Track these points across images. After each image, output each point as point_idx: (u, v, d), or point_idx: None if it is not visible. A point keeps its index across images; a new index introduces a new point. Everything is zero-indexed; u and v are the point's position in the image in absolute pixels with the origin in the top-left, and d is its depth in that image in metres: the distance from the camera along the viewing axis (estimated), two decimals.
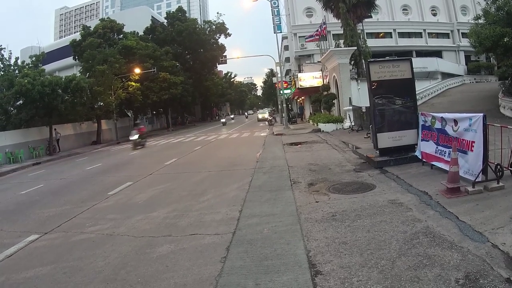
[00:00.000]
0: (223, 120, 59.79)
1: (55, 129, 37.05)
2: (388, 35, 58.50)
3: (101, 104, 43.34)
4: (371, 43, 42.16)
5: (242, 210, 8.62)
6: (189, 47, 68.62)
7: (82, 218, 9.87)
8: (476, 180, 7.92)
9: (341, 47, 33.39)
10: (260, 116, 63.52)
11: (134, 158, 23.67)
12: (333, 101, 33.18)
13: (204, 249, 6.52)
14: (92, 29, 50.61)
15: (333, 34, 47.55)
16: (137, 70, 46.59)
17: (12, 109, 35.97)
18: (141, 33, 60.23)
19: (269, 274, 5.23)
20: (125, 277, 5.79)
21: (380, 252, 5.51)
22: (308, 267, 5.29)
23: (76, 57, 50.17)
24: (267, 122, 49.02)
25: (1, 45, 36.49)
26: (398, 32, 58.63)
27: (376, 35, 56.04)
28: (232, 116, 60.93)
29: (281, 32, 41.40)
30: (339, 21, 35.23)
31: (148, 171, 16.27)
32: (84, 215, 10.16)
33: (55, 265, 6.74)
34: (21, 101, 34.47)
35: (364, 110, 22.97)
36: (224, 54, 69.24)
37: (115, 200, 11.59)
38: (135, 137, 30.33)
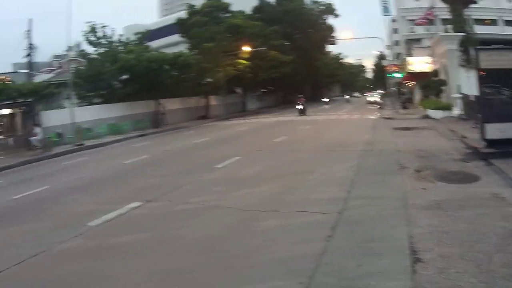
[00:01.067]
0: (299, 106, 58.05)
1: (160, 103, 39.13)
2: (493, 22, 55.11)
3: (209, 80, 45.29)
4: (476, 30, 39.74)
5: (349, 191, 8.73)
6: (297, 27, 68.48)
7: (187, 189, 10.47)
8: None
9: (449, 32, 32.56)
10: (370, 99, 63.07)
11: (242, 134, 24.62)
12: (442, 87, 32.68)
13: (310, 226, 6.69)
14: (197, 7, 51.93)
15: (441, 19, 45.57)
16: (246, 48, 47.43)
17: (116, 83, 38.51)
18: (248, 12, 60.77)
19: (371, 256, 5.33)
20: (227, 248, 6.06)
21: (479, 245, 5.45)
22: (409, 254, 5.33)
23: (183, 35, 52.11)
24: (377, 105, 49.05)
25: (103, 23, 39.12)
26: (504, 20, 55.41)
27: (481, 22, 52.06)
28: (327, 99, 60.13)
29: (389, 15, 40.85)
30: (446, 5, 34.05)
31: (257, 147, 16.94)
32: (189, 186, 10.76)
33: (154, 233, 7.19)
34: (126, 76, 36.89)
35: (472, 98, 22.23)
36: (332, 35, 71.32)
37: (222, 173, 12.17)
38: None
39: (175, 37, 57.89)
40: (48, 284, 5.73)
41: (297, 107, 39.38)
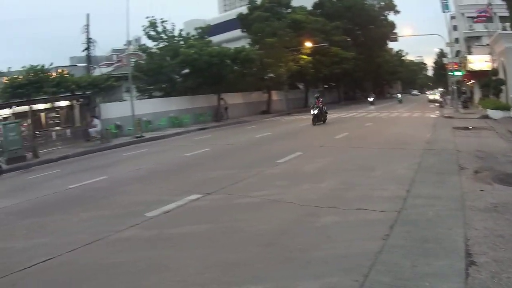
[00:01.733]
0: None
1: (222, 98, 39.95)
2: None
3: (272, 75, 45.67)
4: None
5: (409, 190, 8.59)
6: (358, 23, 68.23)
7: (248, 183, 10.57)
8: None
9: (507, 30, 31.59)
10: (430, 97, 62.94)
11: (305, 130, 24.73)
12: (501, 87, 31.86)
13: (368, 224, 6.63)
14: (258, 3, 52.31)
15: (499, 16, 44.04)
16: (308, 44, 47.52)
17: (177, 77, 39.52)
18: (309, 7, 60.68)
19: (426, 257, 5.23)
20: (285, 242, 6.07)
21: None
22: (464, 256, 5.20)
23: (244, 30, 52.77)
24: (437, 104, 48.64)
25: (162, 18, 40.10)
26: None
27: None
28: (371, 99, 58.56)
29: (449, 11, 40.43)
30: (504, 2, 32.84)
31: (319, 143, 16.92)
32: (250, 180, 10.87)
33: (213, 225, 7.27)
34: (187, 70, 37.69)
35: None
36: (394, 32, 70.10)
37: (283, 168, 12.23)
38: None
39: (236, 32, 58.87)
40: (100, 272, 5.83)
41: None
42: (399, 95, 58.20)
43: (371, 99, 54.08)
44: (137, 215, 8.41)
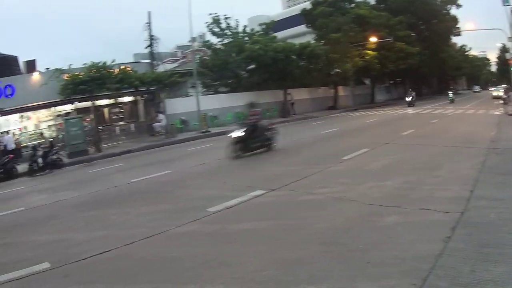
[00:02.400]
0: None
1: (289, 93, 40.32)
2: None
3: (338, 70, 45.60)
4: None
5: (472, 190, 8.27)
6: (421, 17, 67.17)
7: (312, 179, 10.49)
8: None
9: None
10: (494, 93, 60.71)
11: (371, 126, 24.47)
12: None
13: (430, 225, 6.43)
14: None
15: None
16: (373, 39, 47.34)
17: (243, 72, 40.17)
18: (372, 2, 60.57)
19: (486, 262, 5.01)
20: (346, 242, 5.96)
21: None
22: None
23: (308, 25, 52.57)
24: (501, 100, 45.91)
25: (225, 15, 40.81)
26: None
27: None
28: (409, 98, 54.39)
29: (509, 5, 38.99)
30: None
31: (384, 140, 16.68)
32: (315, 177, 10.79)
33: (275, 221, 7.26)
34: (253, 66, 38.29)
35: None
36: (456, 26, 68.44)
37: (348, 165, 12.10)
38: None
39: (300, 28, 58.69)
40: (156, 266, 5.94)
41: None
42: (450, 93, 51.40)
43: (409, 98, 42.89)
44: (199, 210, 8.50)
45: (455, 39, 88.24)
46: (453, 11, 74.03)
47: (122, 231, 7.83)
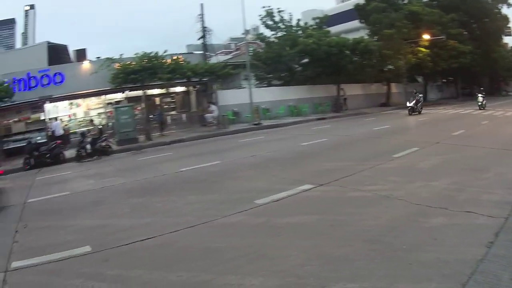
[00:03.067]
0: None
1: (342, 88, 40.28)
2: None
3: (391, 67, 45.42)
4: None
5: None
6: (473, 16, 65.07)
7: (361, 176, 10.45)
8: None
9: None
10: None
11: (422, 125, 24.35)
12: None
13: (474, 229, 6.30)
14: None
15: None
16: (426, 36, 46.60)
17: (296, 66, 40.53)
18: None
19: None
20: (391, 241, 5.93)
21: None
22: None
23: (362, 21, 52.00)
24: None
25: (279, 8, 41.24)
26: None
27: None
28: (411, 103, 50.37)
29: None
30: None
31: (435, 139, 16.45)
32: (364, 173, 10.74)
33: (321, 216, 7.28)
34: (306, 60, 38.57)
35: None
36: (508, 25, 67.69)
37: (398, 163, 12.01)
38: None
39: (353, 23, 58.26)
40: (198, 255, 6.06)
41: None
42: (480, 96, 39.43)
43: (411, 103, 34.69)
44: (246, 202, 8.63)
45: (506, 39, 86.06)
46: (504, 10, 72.19)
47: (166, 219, 7.99)
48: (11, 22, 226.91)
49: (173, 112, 33.37)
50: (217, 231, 7.05)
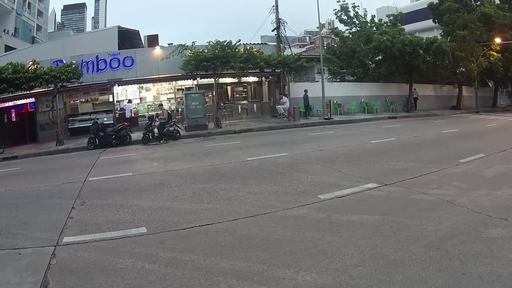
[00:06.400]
0: None
1: (414, 88, 39.74)
2: None
3: (463, 69, 43.89)
4: None
5: None
6: None
7: (427, 179, 10.23)
8: None
9: None
10: None
11: (490, 131, 23.36)
12: None
13: None
14: None
15: None
16: (497, 40, 44.79)
17: (370, 63, 40.44)
18: (497, 1, 55.59)
19: None
20: (448, 248, 5.79)
21: None
22: None
23: (435, 20, 50.33)
24: None
25: (354, 3, 41.04)
26: None
27: None
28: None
29: None
30: None
31: (502, 147, 15.79)
32: (430, 176, 10.51)
33: (383, 217, 7.21)
34: (380, 57, 38.32)
35: None
36: None
37: (464, 169, 11.66)
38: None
39: (427, 23, 56.66)
40: (255, 245, 6.12)
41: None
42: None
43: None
44: (310, 196, 8.70)
45: None
46: None
47: (227, 207, 8.08)
48: (81, 7, 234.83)
49: (244, 102, 33.66)
50: (277, 223, 7.03)
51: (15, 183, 12.94)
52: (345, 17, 41.10)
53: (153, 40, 38.25)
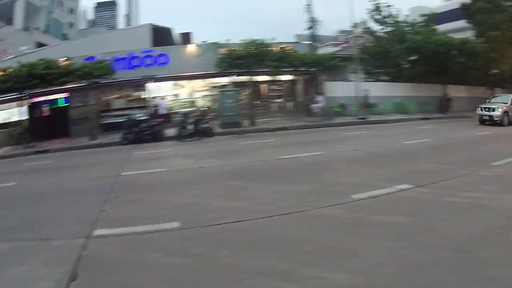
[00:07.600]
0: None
1: (447, 90, 39.07)
2: None
3: (495, 71, 43.10)
4: None
5: None
6: None
7: (459, 181, 10.04)
8: None
9: None
10: None
11: None
12: None
13: None
14: None
15: None
16: None
17: (404, 63, 39.92)
18: None
19: None
20: (474, 251, 5.68)
21: None
22: None
23: (468, 21, 48.85)
24: None
25: (387, 2, 40.55)
26: None
27: None
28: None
29: None
30: None
31: None
32: (462, 179, 10.33)
33: (413, 218, 7.10)
34: (413, 57, 37.87)
35: None
36: None
37: (496, 172, 11.41)
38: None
39: (459, 23, 55.20)
40: (282, 244, 6.08)
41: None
42: None
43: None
44: (343, 195, 8.59)
45: None
46: None
47: (259, 205, 8.05)
48: (113, 4, 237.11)
49: (279, 100, 33.68)
50: (309, 222, 7.01)
51: (48, 177, 13.39)
52: (379, 17, 41.01)
53: (187, 38, 38.62)
